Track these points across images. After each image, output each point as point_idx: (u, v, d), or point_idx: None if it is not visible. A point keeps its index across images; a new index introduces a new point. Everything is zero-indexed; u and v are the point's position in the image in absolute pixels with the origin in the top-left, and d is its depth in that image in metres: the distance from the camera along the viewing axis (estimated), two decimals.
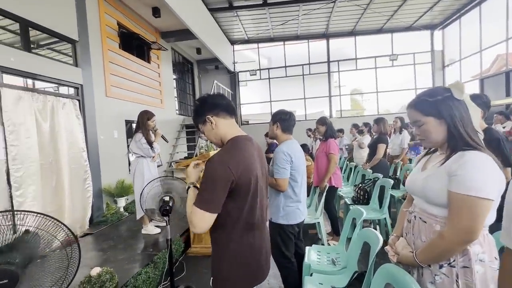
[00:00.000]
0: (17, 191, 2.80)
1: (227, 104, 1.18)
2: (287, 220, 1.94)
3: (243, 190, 1.07)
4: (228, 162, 1.03)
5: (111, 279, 2.06)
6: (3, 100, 2.73)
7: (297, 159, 1.96)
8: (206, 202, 1.02)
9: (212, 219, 1.04)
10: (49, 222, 1.09)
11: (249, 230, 1.14)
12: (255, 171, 1.12)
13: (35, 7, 3.22)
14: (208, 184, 1.02)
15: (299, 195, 1.99)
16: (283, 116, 2.04)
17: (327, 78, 10.28)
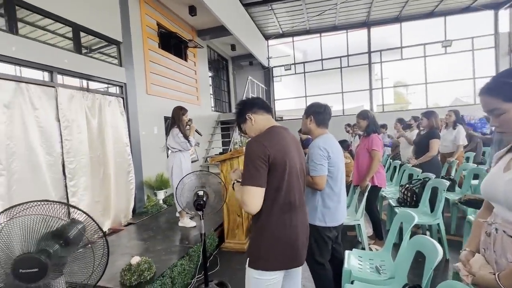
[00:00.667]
0: (70, 181, 3.08)
1: (262, 103, 1.35)
2: (325, 222, 1.75)
3: (280, 169, 1.15)
4: (263, 141, 1.16)
5: (149, 269, 2.13)
6: (59, 98, 3.00)
7: (335, 154, 1.77)
8: (251, 177, 1.11)
9: (261, 193, 1.12)
10: (84, 218, 1.12)
11: (287, 211, 1.19)
12: (291, 155, 1.20)
13: (85, 12, 3.48)
14: (248, 162, 1.13)
15: (338, 194, 1.81)
16: (317, 109, 1.87)
17: (368, 70, 9.59)
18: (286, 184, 1.17)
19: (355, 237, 3.24)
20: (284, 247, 1.18)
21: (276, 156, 1.14)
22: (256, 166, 1.11)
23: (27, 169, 2.65)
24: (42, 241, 1.05)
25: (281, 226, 1.18)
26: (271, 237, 1.17)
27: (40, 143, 2.79)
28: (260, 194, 1.12)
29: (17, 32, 2.75)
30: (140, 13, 4.66)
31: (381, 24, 9.31)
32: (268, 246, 1.17)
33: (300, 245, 1.23)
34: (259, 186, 1.12)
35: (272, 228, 1.17)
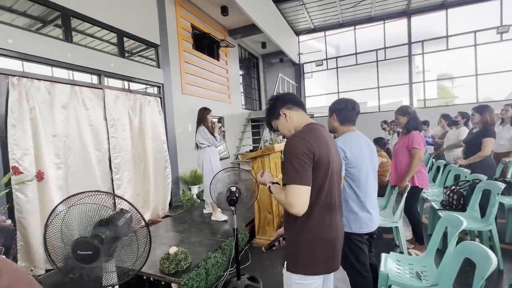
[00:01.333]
0: (116, 175, 3.36)
1: (296, 98, 1.30)
2: (350, 228, 1.60)
3: (323, 168, 1.10)
4: (306, 137, 1.10)
5: (185, 259, 2.26)
6: (106, 99, 3.29)
7: (355, 154, 1.62)
8: (297, 175, 1.04)
9: (307, 193, 1.06)
10: (130, 208, 1.22)
11: (327, 212, 1.14)
12: (331, 153, 1.14)
13: (128, 19, 3.75)
14: (292, 159, 1.06)
15: (364, 199, 1.63)
16: (338, 106, 1.73)
17: (407, 63, 8.92)
18: (328, 183, 1.12)
19: (392, 240, 3.07)
20: (325, 249, 1.13)
21: (321, 154, 1.08)
22: (302, 163, 1.05)
23: (81, 163, 2.95)
24: (95, 228, 1.17)
25: (322, 228, 1.12)
26: (312, 239, 1.12)
27: (91, 140, 3.09)
28: (307, 193, 1.06)
29: (72, 40, 3.07)
30: (176, 16, 4.89)
31: (424, 12, 8.58)
32: (308, 248, 1.12)
33: (339, 247, 1.19)
34: (306, 185, 1.05)
35: (312, 230, 1.12)
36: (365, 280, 1.63)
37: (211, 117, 3.59)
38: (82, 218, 1.23)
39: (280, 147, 3.44)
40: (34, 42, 2.63)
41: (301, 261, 1.13)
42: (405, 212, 2.76)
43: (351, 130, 1.73)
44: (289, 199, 1.06)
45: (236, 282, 2.28)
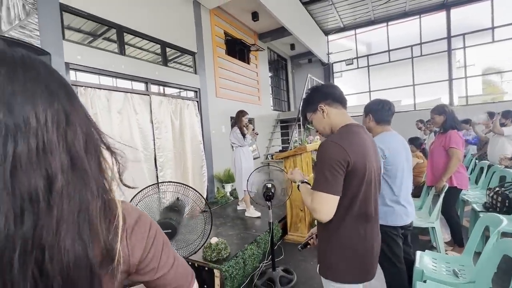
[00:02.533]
0: (160, 172, 3.72)
1: (339, 94, 1.19)
2: (385, 221, 1.69)
3: (359, 176, 1.03)
4: (342, 143, 1.02)
5: (225, 249, 2.47)
6: (152, 104, 3.67)
7: (393, 153, 1.70)
8: (326, 183, 1.00)
9: (335, 202, 1.02)
10: (192, 193, 1.45)
11: (362, 222, 1.08)
12: (369, 158, 1.07)
13: (170, 30, 4.13)
14: (324, 166, 1.01)
15: (398, 194, 1.71)
16: (374, 106, 1.83)
17: (447, 58, 8.40)
18: (364, 192, 1.05)
19: (428, 242, 3.00)
20: (357, 259, 1.08)
21: (357, 162, 1.02)
22: (333, 171, 1.00)
23: (132, 161, 3.34)
24: (167, 212, 1.42)
25: (355, 238, 1.07)
26: (343, 248, 1.08)
27: (140, 141, 3.47)
28: (334, 202, 1.02)
29: (125, 53, 3.48)
30: (210, 25, 5.22)
31: (465, 4, 8.03)
32: (338, 256, 1.09)
33: (374, 258, 1.13)
34: (334, 194, 1.01)
35: (344, 239, 1.07)
36: (399, 270, 1.69)
37: (246, 119, 3.77)
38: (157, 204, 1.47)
39: (312, 147, 3.54)
40: (96, 57, 3.06)
41: (332, 268, 1.11)
42: (443, 213, 2.70)
43: (386, 130, 1.82)
44: (314, 204, 1.04)
45: (272, 273, 2.44)
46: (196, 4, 4.75)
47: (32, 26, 2.45)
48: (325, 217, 1.03)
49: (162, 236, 0.49)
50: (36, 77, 0.36)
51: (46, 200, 0.33)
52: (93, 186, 0.39)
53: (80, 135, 0.39)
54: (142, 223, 0.47)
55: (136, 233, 0.45)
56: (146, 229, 0.47)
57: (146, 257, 0.45)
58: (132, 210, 0.47)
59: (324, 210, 1.02)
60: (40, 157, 0.34)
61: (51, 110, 0.36)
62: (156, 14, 3.92)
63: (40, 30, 2.50)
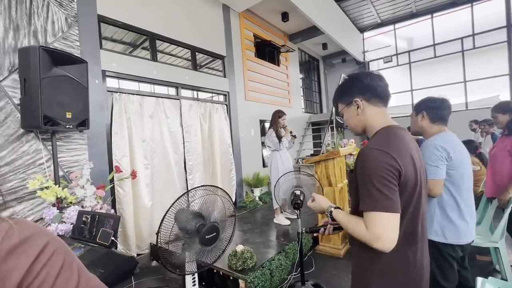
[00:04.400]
0: (189, 175, 3.76)
1: (383, 90, 0.98)
2: (445, 238, 1.43)
3: (410, 187, 0.86)
4: (388, 149, 0.84)
5: (251, 258, 2.35)
6: (182, 108, 3.73)
7: (458, 155, 1.46)
8: (382, 200, 0.81)
9: (397, 221, 0.82)
10: (226, 198, 1.41)
11: (409, 243, 0.90)
12: (417, 166, 0.89)
13: (199, 35, 4.19)
14: (372, 179, 0.82)
15: (461, 205, 1.46)
16: (430, 104, 1.59)
17: (507, 50, 7.34)
18: (413, 208, 0.89)
19: (489, 264, 2.55)
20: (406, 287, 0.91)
21: (407, 170, 0.85)
22: (385, 182, 0.82)
23: (162, 164, 3.41)
24: (195, 216, 1.38)
25: (401, 261, 0.90)
26: (387, 277, 0.90)
27: (170, 144, 3.54)
28: (395, 222, 0.82)
29: (156, 59, 3.60)
30: (240, 28, 5.21)
31: None
32: (383, 284, 0.91)
33: (425, 284, 0.95)
34: (395, 212, 0.82)
35: (387, 267, 0.90)
36: None
37: (283, 120, 3.55)
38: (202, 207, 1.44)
39: (346, 151, 3.28)
40: (130, 64, 3.19)
41: None
42: (509, 231, 2.26)
43: (443, 131, 1.58)
44: (374, 230, 0.81)
45: (301, 287, 2.25)
46: (225, 8, 4.78)
47: (73, 37, 2.63)
48: (391, 244, 0.82)
49: (63, 256, 0.44)
50: None
51: None
52: None
53: None
54: (27, 246, 0.41)
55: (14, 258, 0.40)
56: (33, 251, 0.41)
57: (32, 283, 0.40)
58: (17, 231, 0.41)
59: (387, 234, 0.81)
60: None
61: None
62: (186, 20, 4.00)
63: (80, 41, 2.67)
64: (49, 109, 2.04)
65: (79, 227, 1.80)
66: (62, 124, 2.15)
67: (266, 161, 5.59)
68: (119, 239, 2.87)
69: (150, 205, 3.17)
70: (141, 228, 3.09)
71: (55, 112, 2.09)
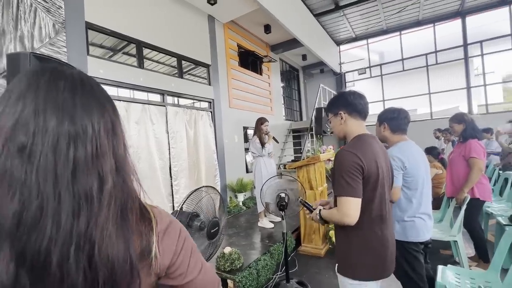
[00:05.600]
0: (174, 181, 3.79)
1: (362, 107, 1.27)
2: (406, 236, 1.64)
3: (372, 181, 1.15)
4: (356, 151, 1.15)
5: (238, 259, 2.46)
6: (168, 115, 3.78)
7: (413, 164, 1.64)
8: (349, 188, 1.12)
9: (359, 204, 1.13)
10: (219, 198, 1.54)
11: (379, 223, 1.19)
12: (381, 165, 1.19)
13: (185, 44, 4.30)
14: (343, 173, 1.13)
15: (418, 207, 1.65)
16: (389, 115, 1.78)
17: (464, 66, 8.19)
18: (378, 196, 1.17)
19: (450, 257, 2.86)
20: (375, 257, 1.19)
21: (370, 168, 1.14)
22: (352, 176, 1.11)
23: (148, 171, 3.43)
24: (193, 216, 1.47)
25: (371, 238, 1.18)
26: (361, 248, 1.19)
27: (155, 150, 3.57)
28: (359, 205, 1.13)
29: (143, 66, 3.64)
30: (224, 38, 5.38)
31: (481, 11, 7.88)
32: (358, 256, 1.19)
33: (389, 256, 1.23)
34: (357, 197, 1.12)
35: (361, 240, 1.18)
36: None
37: (265, 127, 3.70)
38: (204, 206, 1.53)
39: (325, 157, 3.51)
40: (117, 70, 3.22)
41: (351, 266, 1.20)
42: (465, 227, 2.58)
43: (403, 139, 1.76)
44: (343, 210, 1.13)
45: (286, 285, 2.39)
46: (210, 18, 4.93)
47: (61, 43, 2.63)
48: (354, 219, 1.13)
49: (191, 242, 0.52)
50: (90, 91, 0.42)
51: (99, 199, 0.38)
52: (132, 188, 0.43)
53: (122, 142, 0.44)
54: (173, 228, 0.49)
55: (167, 238, 0.47)
56: (176, 234, 0.49)
57: (176, 261, 0.47)
58: (163, 216, 0.49)
59: (353, 213, 1.12)
60: (95, 160, 0.38)
61: (103, 120, 0.41)
62: (173, 29, 4.10)
63: (67, 47, 2.67)
64: None
65: None
66: None
67: (249, 167, 5.73)
68: None
69: None
70: None
71: None
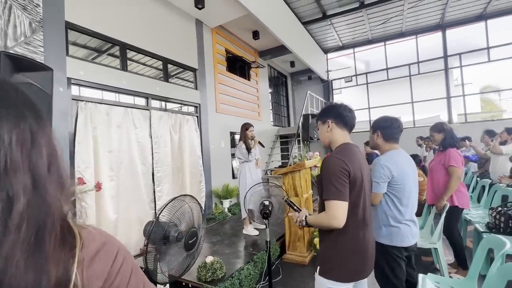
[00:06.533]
0: (157, 187, 3.68)
1: (349, 120, 1.37)
2: (391, 241, 1.67)
3: (357, 186, 1.22)
4: (343, 158, 1.22)
5: (220, 268, 2.39)
6: (152, 119, 3.68)
7: (401, 173, 1.68)
8: (337, 192, 1.17)
9: (346, 207, 1.18)
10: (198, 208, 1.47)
11: (362, 227, 1.26)
12: (364, 172, 1.28)
13: (172, 47, 4.23)
14: (331, 178, 1.19)
15: (404, 214, 1.69)
16: (383, 123, 1.82)
17: (444, 77, 8.54)
18: (362, 200, 1.25)
19: (431, 264, 2.91)
20: (357, 260, 1.25)
21: (355, 173, 1.21)
22: (339, 181, 1.18)
23: (129, 176, 3.31)
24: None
25: (355, 241, 1.24)
26: (345, 251, 1.24)
27: (138, 155, 3.45)
28: (345, 209, 1.18)
29: (127, 69, 3.55)
30: (212, 43, 5.36)
31: (460, 25, 8.27)
32: (341, 258, 1.24)
33: (370, 258, 1.30)
34: (345, 200, 1.18)
35: (346, 243, 1.24)
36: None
37: (251, 132, 3.67)
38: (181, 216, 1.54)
39: (311, 164, 3.51)
40: (98, 72, 3.11)
41: (334, 269, 1.25)
42: (445, 234, 2.63)
43: (394, 148, 1.79)
44: (331, 212, 1.18)
45: None
46: (198, 22, 4.90)
47: (37, 42, 2.51)
48: (342, 222, 1.17)
49: (130, 263, 0.46)
50: (3, 98, 0.36)
51: (4, 223, 0.32)
52: (53, 209, 0.37)
53: (45, 156, 0.38)
54: (107, 250, 0.43)
55: (98, 262, 0.41)
56: (111, 256, 0.43)
57: (111, 286, 0.42)
58: (95, 237, 0.43)
59: (340, 215, 1.17)
60: (2, 177, 0.32)
61: (17, 130, 0.35)
62: (159, 32, 4.03)
63: (45, 47, 2.56)
64: None
65: None
66: None
67: (236, 173, 5.66)
68: None
69: (114, 218, 3.04)
70: None
71: None
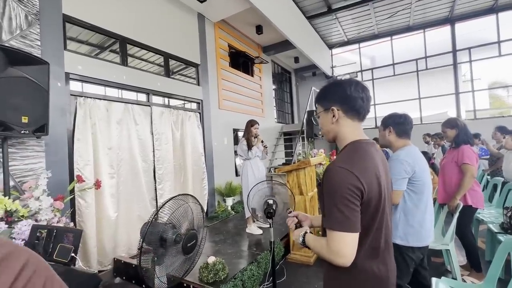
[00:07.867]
0: (159, 185, 3.61)
1: (363, 104, 0.95)
2: (407, 241, 1.61)
3: (373, 205, 0.88)
4: (352, 168, 0.85)
5: (223, 269, 2.31)
6: (153, 115, 3.60)
7: (421, 168, 1.65)
8: (342, 220, 0.83)
9: (356, 240, 0.85)
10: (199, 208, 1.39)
11: (374, 257, 0.91)
12: (382, 182, 0.91)
13: (173, 42, 4.13)
14: (335, 200, 0.85)
15: (424, 211, 1.65)
16: (396, 119, 1.79)
17: (453, 72, 8.31)
18: (378, 223, 0.90)
19: (442, 265, 2.80)
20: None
21: (371, 189, 0.86)
22: (348, 203, 0.83)
23: (130, 173, 3.24)
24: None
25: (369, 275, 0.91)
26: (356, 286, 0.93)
27: (139, 152, 3.38)
28: (353, 241, 0.85)
29: (127, 64, 3.46)
30: (214, 38, 5.25)
31: (470, 18, 8.02)
32: None
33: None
34: (354, 232, 0.84)
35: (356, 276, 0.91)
36: None
37: (255, 129, 3.60)
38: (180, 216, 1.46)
39: (316, 161, 3.41)
40: (97, 67, 3.03)
41: None
42: (457, 235, 2.52)
43: (407, 144, 1.77)
44: (335, 247, 0.85)
45: None
46: (200, 17, 4.79)
47: (34, 36, 2.44)
48: (349, 260, 0.85)
49: (44, 276, 0.40)
50: None
51: None
52: None
53: None
54: (5, 266, 0.38)
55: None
56: (10, 274, 0.37)
57: None
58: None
59: (346, 252, 0.84)
60: None
61: None
62: (160, 26, 3.94)
63: (41, 40, 2.48)
64: (1, 112, 1.86)
65: (32, 244, 1.63)
66: (16, 129, 1.96)
67: (239, 170, 5.58)
68: (78, 255, 2.64)
69: (115, 216, 2.98)
70: (103, 242, 2.87)
71: (8, 115, 1.90)
